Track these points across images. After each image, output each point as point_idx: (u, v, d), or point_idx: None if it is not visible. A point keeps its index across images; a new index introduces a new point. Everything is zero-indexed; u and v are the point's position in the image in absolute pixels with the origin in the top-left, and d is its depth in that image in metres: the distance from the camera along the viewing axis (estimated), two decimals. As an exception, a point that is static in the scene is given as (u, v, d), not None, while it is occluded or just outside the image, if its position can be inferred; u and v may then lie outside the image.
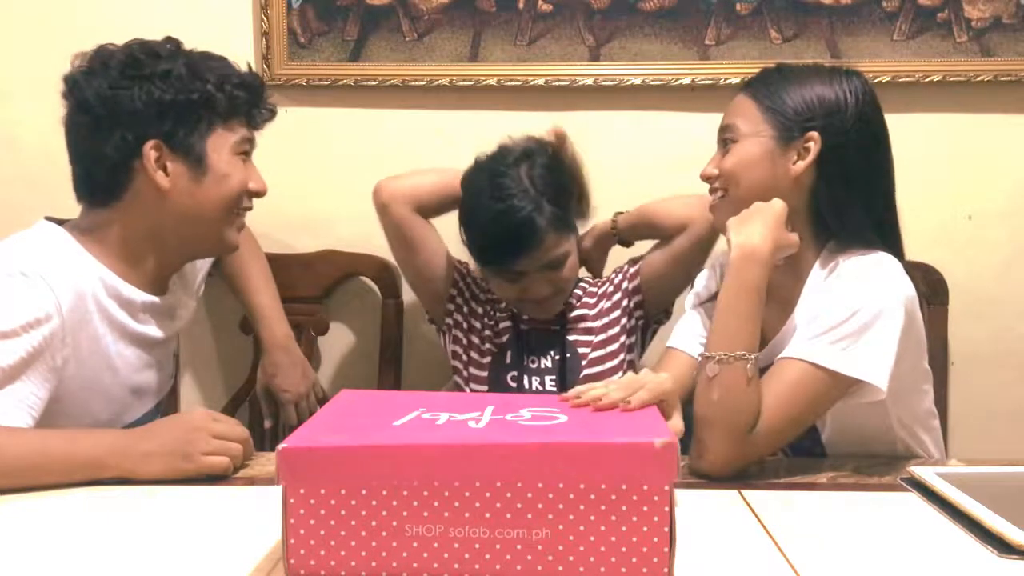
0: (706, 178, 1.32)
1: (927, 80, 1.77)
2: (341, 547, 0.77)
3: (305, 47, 1.83)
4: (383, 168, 1.86)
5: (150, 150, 1.22)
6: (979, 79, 1.77)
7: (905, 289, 1.20)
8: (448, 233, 1.61)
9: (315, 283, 1.81)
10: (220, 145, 1.26)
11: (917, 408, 1.31)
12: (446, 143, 1.86)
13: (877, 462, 1.20)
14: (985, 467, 1.14)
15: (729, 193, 1.28)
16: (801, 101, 1.25)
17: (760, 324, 1.18)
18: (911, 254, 1.74)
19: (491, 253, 1.50)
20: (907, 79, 1.77)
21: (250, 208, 1.34)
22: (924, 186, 1.82)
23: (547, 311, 1.57)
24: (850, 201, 1.24)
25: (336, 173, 1.87)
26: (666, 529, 0.75)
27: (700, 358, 1.21)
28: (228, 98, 1.26)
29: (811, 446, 1.29)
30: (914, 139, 1.81)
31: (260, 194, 1.33)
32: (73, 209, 1.31)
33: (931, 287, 1.77)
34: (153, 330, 1.33)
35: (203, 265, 1.49)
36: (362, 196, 1.84)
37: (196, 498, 1.04)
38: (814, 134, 1.23)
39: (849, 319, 1.16)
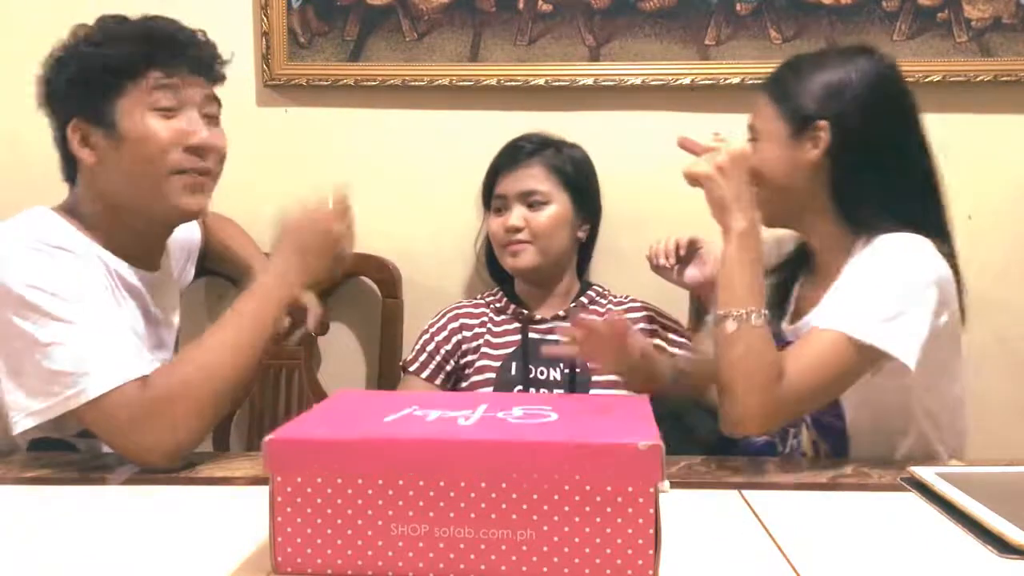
0: None
1: (927, 80, 1.77)
2: (327, 545, 0.78)
3: (305, 47, 1.83)
4: (383, 168, 1.87)
5: (71, 131, 1.22)
6: (979, 79, 1.77)
7: (938, 269, 1.20)
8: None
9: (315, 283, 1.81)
10: (132, 107, 1.20)
11: (946, 394, 1.30)
12: (446, 143, 1.86)
13: (877, 462, 1.19)
14: (985, 467, 1.13)
15: (759, 191, 1.29)
16: (809, 91, 1.27)
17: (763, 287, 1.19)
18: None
19: (502, 149, 1.68)
20: (907, 79, 1.77)
21: (200, 165, 1.23)
22: (924, 186, 1.82)
23: (519, 258, 1.62)
24: (865, 183, 1.25)
25: (336, 173, 1.87)
26: (651, 531, 0.75)
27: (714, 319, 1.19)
28: (128, 55, 1.20)
29: (833, 421, 1.29)
30: (914, 139, 1.82)
31: (198, 147, 1.22)
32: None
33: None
34: (148, 305, 1.30)
35: (184, 250, 1.49)
36: (362, 196, 1.84)
37: (196, 497, 1.04)
38: (822, 123, 1.25)
39: (885, 293, 1.16)
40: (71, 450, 1.22)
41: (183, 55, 1.22)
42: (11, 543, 0.91)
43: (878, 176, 1.25)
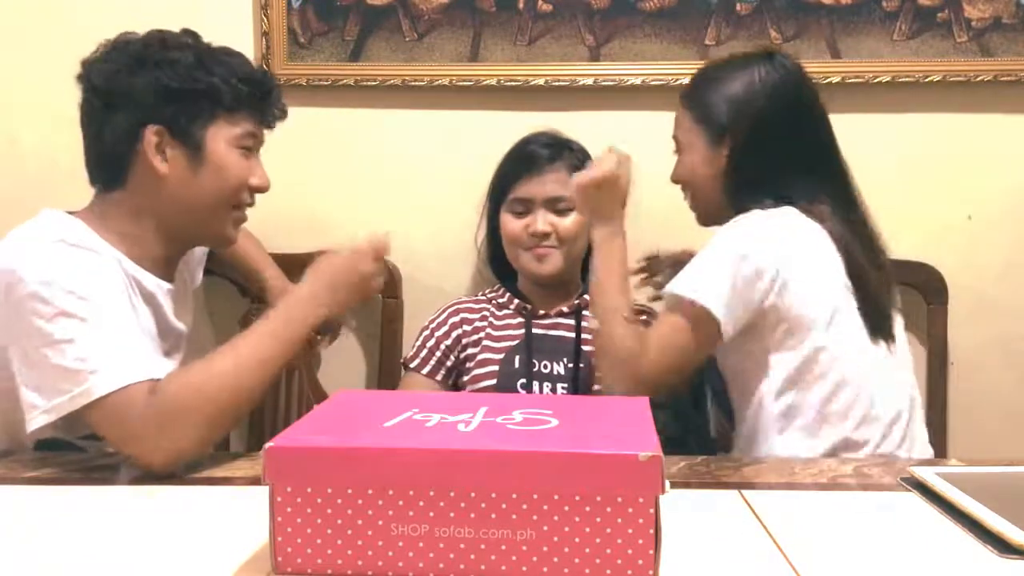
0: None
1: (927, 80, 1.77)
2: (327, 545, 0.78)
3: (305, 47, 1.83)
4: (383, 168, 1.87)
5: (151, 135, 1.23)
6: (979, 79, 1.77)
7: (757, 235, 1.30)
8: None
9: (315, 283, 1.81)
10: (220, 137, 1.26)
11: (797, 351, 1.32)
12: (446, 143, 1.86)
13: (877, 462, 1.20)
14: (985, 467, 1.13)
15: (692, 195, 1.45)
16: (720, 103, 1.37)
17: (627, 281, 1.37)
18: (911, 254, 1.76)
19: (521, 151, 1.66)
20: (907, 79, 1.78)
21: (251, 204, 1.34)
22: (924, 186, 1.82)
23: (545, 263, 1.62)
24: (762, 184, 1.35)
25: (336, 173, 1.88)
26: (651, 531, 0.75)
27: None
28: (233, 91, 1.26)
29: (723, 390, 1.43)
30: (914, 139, 1.82)
31: (262, 190, 1.32)
32: (74, 208, 1.31)
33: (931, 287, 1.78)
34: (165, 315, 1.32)
35: (196, 256, 1.49)
36: (362, 196, 1.85)
37: (197, 497, 1.04)
38: (732, 132, 1.35)
39: (703, 259, 1.31)
40: (77, 452, 1.22)
41: (273, 105, 1.33)
42: (11, 543, 0.91)
43: (774, 177, 1.35)
